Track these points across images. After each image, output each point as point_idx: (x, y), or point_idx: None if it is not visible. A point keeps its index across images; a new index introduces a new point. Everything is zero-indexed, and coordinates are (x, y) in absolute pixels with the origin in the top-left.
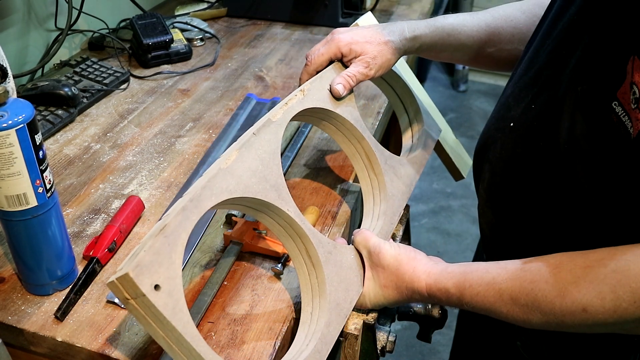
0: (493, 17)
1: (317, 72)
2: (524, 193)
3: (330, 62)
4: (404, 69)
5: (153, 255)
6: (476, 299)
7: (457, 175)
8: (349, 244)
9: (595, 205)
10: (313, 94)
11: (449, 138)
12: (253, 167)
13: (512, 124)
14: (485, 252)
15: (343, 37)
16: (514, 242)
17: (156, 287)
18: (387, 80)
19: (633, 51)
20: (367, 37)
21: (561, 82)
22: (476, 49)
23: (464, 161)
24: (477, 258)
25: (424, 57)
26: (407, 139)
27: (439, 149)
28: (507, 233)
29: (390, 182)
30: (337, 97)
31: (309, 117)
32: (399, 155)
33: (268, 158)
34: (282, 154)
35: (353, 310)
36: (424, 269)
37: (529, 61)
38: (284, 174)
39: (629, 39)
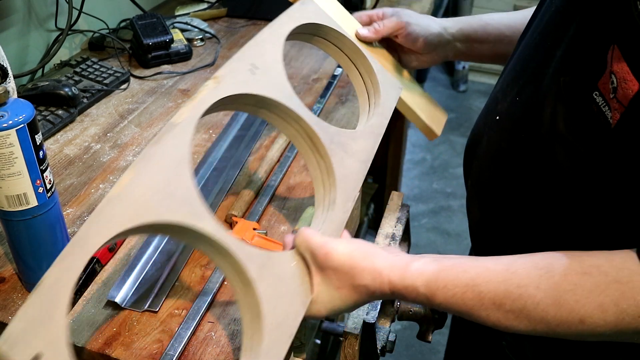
0: (523, 15)
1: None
2: (509, 187)
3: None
4: (341, 16)
5: (27, 322)
6: (451, 300)
7: (430, 134)
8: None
9: (579, 197)
10: (229, 79)
11: (415, 93)
12: (154, 183)
13: (498, 118)
14: (473, 249)
15: (412, 30)
16: (499, 238)
17: (36, 357)
18: (331, 40)
19: (613, 40)
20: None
21: (546, 74)
22: (503, 45)
23: (437, 117)
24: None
25: (460, 59)
26: (363, 103)
27: (405, 108)
28: (493, 229)
29: (339, 163)
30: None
31: (231, 105)
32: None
33: (173, 169)
34: (281, 154)
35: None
36: (385, 264)
37: (517, 54)
38: (284, 174)
39: (610, 28)
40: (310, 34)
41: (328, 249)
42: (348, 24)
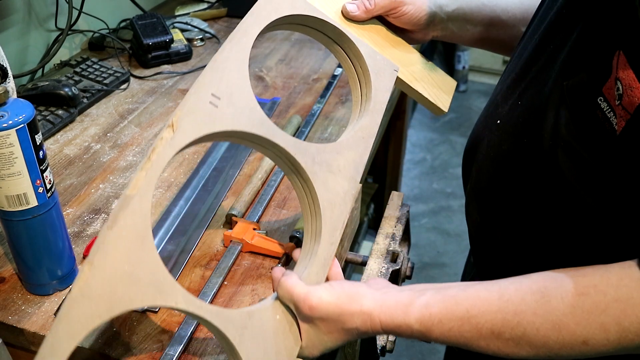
0: (520, 0)
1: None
2: (509, 191)
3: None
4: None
5: None
6: (448, 334)
7: (437, 110)
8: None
9: (580, 203)
10: (187, 122)
11: (417, 68)
12: (118, 271)
13: (498, 122)
14: (472, 253)
15: (406, 10)
16: (498, 243)
17: None
18: (312, 26)
19: (618, 46)
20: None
21: (548, 77)
22: (517, 28)
23: (444, 90)
24: (467, 266)
25: (447, 40)
26: (356, 97)
27: (406, 87)
28: (492, 233)
29: (323, 186)
30: (346, 16)
31: (196, 143)
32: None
33: (136, 249)
34: None
35: None
36: (373, 304)
37: (518, 57)
38: (284, 174)
39: (614, 33)
40: (287, 23)
41: (312, 301)
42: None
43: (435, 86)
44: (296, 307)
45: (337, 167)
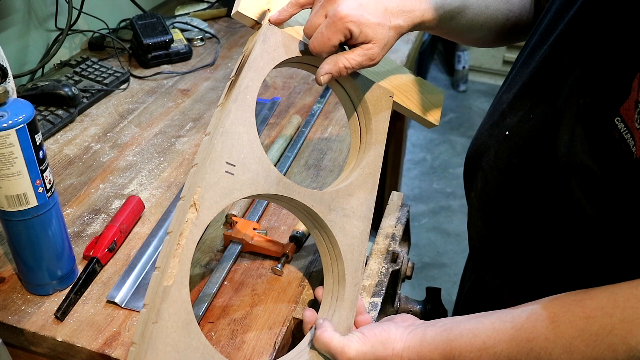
0: None
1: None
2: (517, 204)
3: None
4: None
5: None
6: None
7: (428, 124)
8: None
9: (591, 222)
10: (208, 199)
11: (406, 87)
12: None
13: (507, 133)
14: (472, 260)
15: (352, 15)
16: (503, 254)
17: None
18: (312, 63)
19: (639, 68)
20: (378, 16)
21: (561, 92)
22: (471, 32)
23: (434, 104)
24: (467, 264)
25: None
26: (355, 127)
27: (398, 107)
28: (497, 244)
29: (341, 232)
30: (320, 84)
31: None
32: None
33: (183, 337)
34: (282, 154)
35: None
36: (402, 346)
37: (524, 64)
38: (284, 174)
39: (635, 55)
40: (284, 63)
41: (349, 354)
42: None
43: (426, 101)
44: (334, 358)
45: (351, 209)
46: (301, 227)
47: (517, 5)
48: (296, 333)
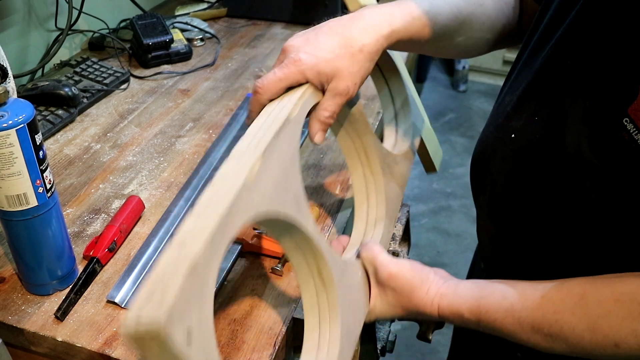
0: (466, 2)
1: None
2: (529, 206)
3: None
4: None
5: (185, 303)
6: (493, 324)
7: (431, 167)
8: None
9: (603, 219)
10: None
11: (425, 127)
12: (275, 177)
13: (513, 135)
14: (483, 261)
15: (306, 59)
16: (515, 254)
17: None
18: (379, 64)
19: None
20: (335, 49)
21: (567, 94)
22: (447, 40)
23: (438, 153)
24: (474, 265)
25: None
26: (390, 133)
27: (421, 143)
28: (509, 245)
29: (387, 184)
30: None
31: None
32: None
33: (289, 164)
34: None
35: None
36: (436, 291)
37: (525, 65)
38: None
39: None
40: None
41: (393, 270)
42: None
43: (433, 146)
44: (375, 271)
45: (395, 173)
46: None
47: (494, 10)
48: (296, 333)
